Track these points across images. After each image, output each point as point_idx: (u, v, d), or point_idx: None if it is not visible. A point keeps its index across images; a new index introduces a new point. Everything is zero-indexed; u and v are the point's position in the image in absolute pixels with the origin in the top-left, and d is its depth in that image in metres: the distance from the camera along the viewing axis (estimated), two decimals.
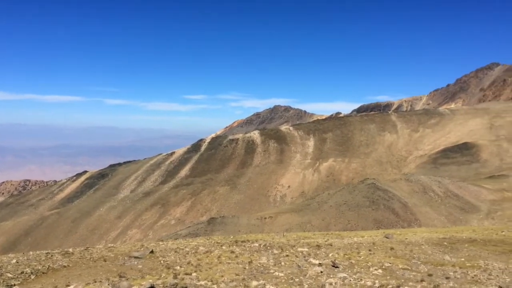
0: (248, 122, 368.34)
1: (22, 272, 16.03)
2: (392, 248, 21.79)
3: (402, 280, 14.19)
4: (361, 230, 49.25)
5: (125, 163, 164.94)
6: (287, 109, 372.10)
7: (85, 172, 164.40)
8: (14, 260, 18.43)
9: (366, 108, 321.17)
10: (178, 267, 16.54)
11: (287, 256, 18.87)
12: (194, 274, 14.82)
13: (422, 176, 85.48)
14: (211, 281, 13.74)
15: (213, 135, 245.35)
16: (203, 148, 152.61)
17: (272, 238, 28.16)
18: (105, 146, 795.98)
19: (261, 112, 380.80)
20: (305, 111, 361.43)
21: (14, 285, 14.50)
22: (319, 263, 16.75)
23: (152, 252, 20.19)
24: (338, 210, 67.23)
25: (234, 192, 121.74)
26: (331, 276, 14.44)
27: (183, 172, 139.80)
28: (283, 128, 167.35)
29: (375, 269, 15.93)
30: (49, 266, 17.21)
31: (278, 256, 18.90)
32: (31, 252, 21.39)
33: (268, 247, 21.94)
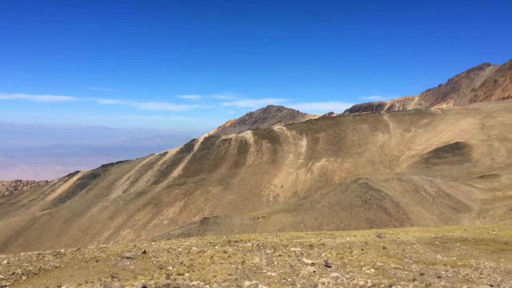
0: (241, 122, 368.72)
1: (13, 273, 15.90)
2: (384, 248, 21.88)
3: (394, 279, 14.25)
4: (354, 230, 49.37)
5: (117, 163, 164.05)
6: (280, 109, 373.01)
7: (77, 172, 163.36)
8: (5, 261, 18.27)
9: (358, 108, 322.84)
10: (170, 267, 16.49)
11: (280, 256, 18.88)
12: (186, 274, 14.79)
13: (414, 176, 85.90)
14: (204, 281, 13.71)
15: (206, 135, 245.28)
16: (196, 148, 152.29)
17: (265, 238, 28.15)
18: (98, 146, 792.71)
19: (254, 112, 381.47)
20: (298, 111, 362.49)
21: (5, 286, 14.39)
22: (312, 263, 16.78)
23: (144, 252, 20.10)
24: (330, 209, 67.36)
25: (227, 192, 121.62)
26: (324, 275, 14.46)
27: (176, 172, 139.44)
28: (276, 128, 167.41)
29: (368, 269, 15.98)
30: (40, 267, 17.08)
31: (271, 256, 18.90)
32: (22, 253, 21.20)
33: (261, 247, 21.94)
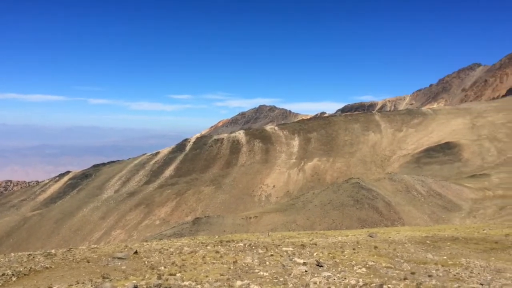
0: (233, 122, 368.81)
1: (3, 274, 15.75)
2: (375, 247, 21.97)
3: (386, 279, 14.31)
4: (346, 229, 49.56)
5: (109, 163, 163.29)
6: (272, 109, 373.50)
7: (68, 172, 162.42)
8: None
9: (350, 108, 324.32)
10: (162, 268, 16.44)
11: (271, 255, 18.88)
12: (178, 275, 14.75)
13: (406, 176, 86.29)
14: (196, 281, 13.68)
15: (198, 135, 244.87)
16: (188, 148, 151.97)
17: (257, 237, 28.14)
18: (89, 146, 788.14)
19: (246, 112, 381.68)
20: (290, 111, 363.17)
21: None
22: (304, 262, 16.80)
23: (136, 252, 20.01)
24: (322, 209, 67.48)
25: (219, 192, 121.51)
26: (316, 275, 14.49)
27: (168, 172, 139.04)
28: (268, 128, 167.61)
29: (359, 268, 16.03)
30: (31, 267, 16.95)
31: (263, 255, 18.90)
32: (12, 254, 21.01)
33: (253, 247, 21.93)
